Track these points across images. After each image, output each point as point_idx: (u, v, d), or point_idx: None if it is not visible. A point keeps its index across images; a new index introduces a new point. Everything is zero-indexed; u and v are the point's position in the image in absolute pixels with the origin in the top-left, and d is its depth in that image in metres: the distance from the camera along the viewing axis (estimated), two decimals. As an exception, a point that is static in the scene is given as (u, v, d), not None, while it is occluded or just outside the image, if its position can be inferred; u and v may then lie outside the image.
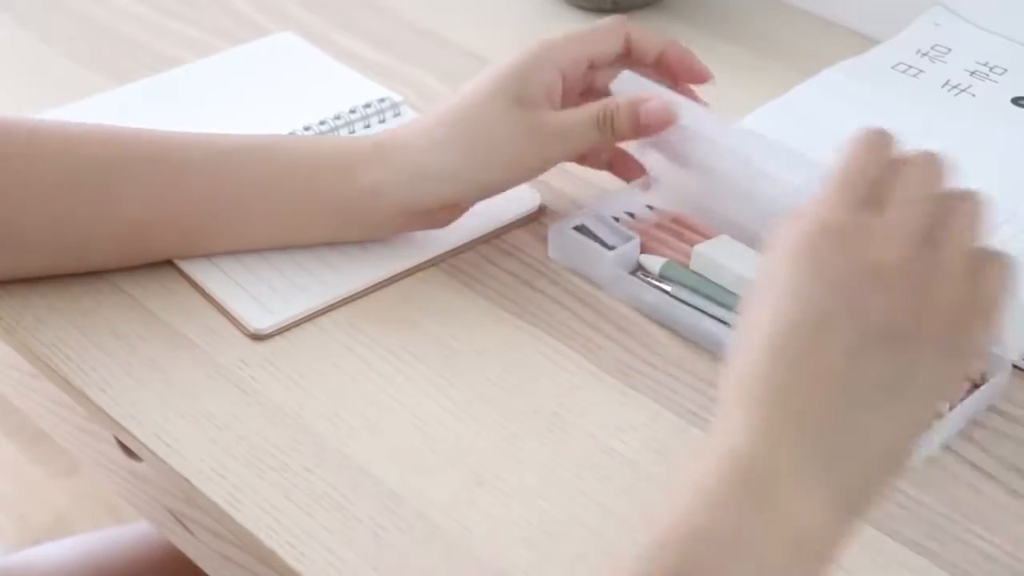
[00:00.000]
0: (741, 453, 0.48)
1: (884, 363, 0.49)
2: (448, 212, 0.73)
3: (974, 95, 0.83)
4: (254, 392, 0.67)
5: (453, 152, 0.70)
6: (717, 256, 0.69)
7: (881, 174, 0.52)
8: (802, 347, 0.49)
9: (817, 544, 0.48)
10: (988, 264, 0.51)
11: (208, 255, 0.73)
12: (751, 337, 0.50)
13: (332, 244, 0.74)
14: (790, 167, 0.66)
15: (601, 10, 0.98)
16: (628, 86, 0.72)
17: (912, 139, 0.78)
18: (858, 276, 0.49)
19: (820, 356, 0.49)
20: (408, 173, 0.70)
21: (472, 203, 0.73)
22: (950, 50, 0.87)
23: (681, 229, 0.75)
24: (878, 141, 0.54)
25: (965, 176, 0.68)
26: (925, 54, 0.87)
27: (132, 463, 0.74)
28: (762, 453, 0.48)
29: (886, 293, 0.49)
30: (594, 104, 0.71)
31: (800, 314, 0.49)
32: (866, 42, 0.91)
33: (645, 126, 0.70)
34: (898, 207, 0.51)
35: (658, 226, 0.75)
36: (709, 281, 0.70)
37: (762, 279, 0.52)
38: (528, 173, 0.72)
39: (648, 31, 0.73)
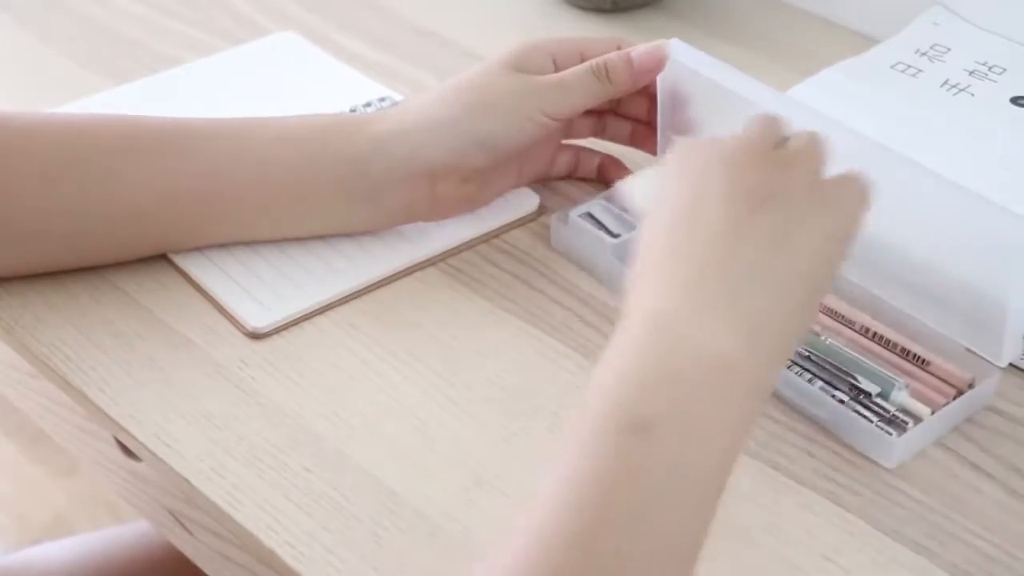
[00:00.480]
0: (652, 308, 0.53)
1: (763, 216, 0.55)
2: (449, 184, 0.73)
3: (973, 95, 0.83)
4: (253, 392, 0.67)
5: (454, 106, 0.72)
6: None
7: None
8: (691, 217, 0.56)
9: (737, 371, 0.52)
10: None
11: (211, 243, 0.73)
12: (650, 225, 0.57)
13: (331, 234, 0.74)
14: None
15: (601, 10, 0.98)
16: (678, 51, 0.73)
17: (911, 138, 0.78)
18: (733, 156, 0.57)
19: (707, 220, 0.55)
20: (412, 125, 0.72)
21: (475, 172, 0.73)
22: (949, 50, 0.87)
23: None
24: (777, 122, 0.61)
25: (965, 175, 0.68)
26: (924, 54, 0.87)
27: (131, 463, 0.74)
28: (671, 303, 0.53)
29: (758, 168, 0.57)
30: (589, 60, 0.74)
31: (686, 190, 0.57)
32: (865, 42, 0.91)
33: (639, 69, 0.73)
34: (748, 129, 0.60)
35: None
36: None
37: (661, 182, 0.59)
38: (526, 124, 0.72)
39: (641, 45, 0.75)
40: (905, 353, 0.67)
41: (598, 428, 0.50)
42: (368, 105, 0.84)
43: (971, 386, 0.65)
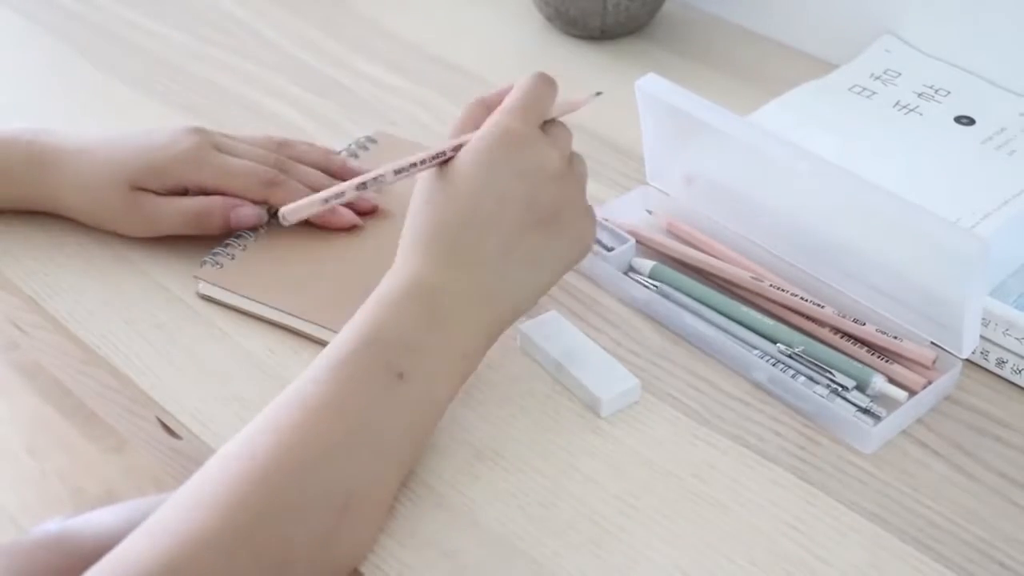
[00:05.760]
0: (430, 282, 0.58)
1: (542, 239, 0.60)
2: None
3: (921, 114, 0.83)
4: (280, 377, 0.66)
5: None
6: (536, 336, 0.67)
7: (547, 109, 0.63)
8: (486, 219, 0.59)
9: (471, 360, 0.60)
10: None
11: None
12: (441, 204, 0.60)
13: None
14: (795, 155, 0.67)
15: (591, 37, 0.97)
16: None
17: (867, 153, 0.78)
18: (534, 169, 0.60)
19: (500, 229, 0.59)
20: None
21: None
22: (900, 74, 0.87)
23: (673, 234, 0.74)
24: (551, 84, 0.64)
25: (915, 186, 0.68)
26: (878, 77, 0.87)
27: (173, 441, 0.74)
28: (439, 282, 0.58)
29: (553, 184, 0.61)
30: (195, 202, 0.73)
31: (488, 190, 0.59)
32: (826, 67, 0.91)
33: (236, 225, 0.73)
34: (553, 136, 0.63)
35: (654, 229, 0.75)
36: (692, 281, 0.70)
37: (458, 165, 0.60)
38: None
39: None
40: (873, 347, 0.66)
41: (359, 370, 0.56)
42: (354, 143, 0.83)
43: (935, 363, 0.65)
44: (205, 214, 0.72)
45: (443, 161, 0.61)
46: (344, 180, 0.72)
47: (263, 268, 0.71)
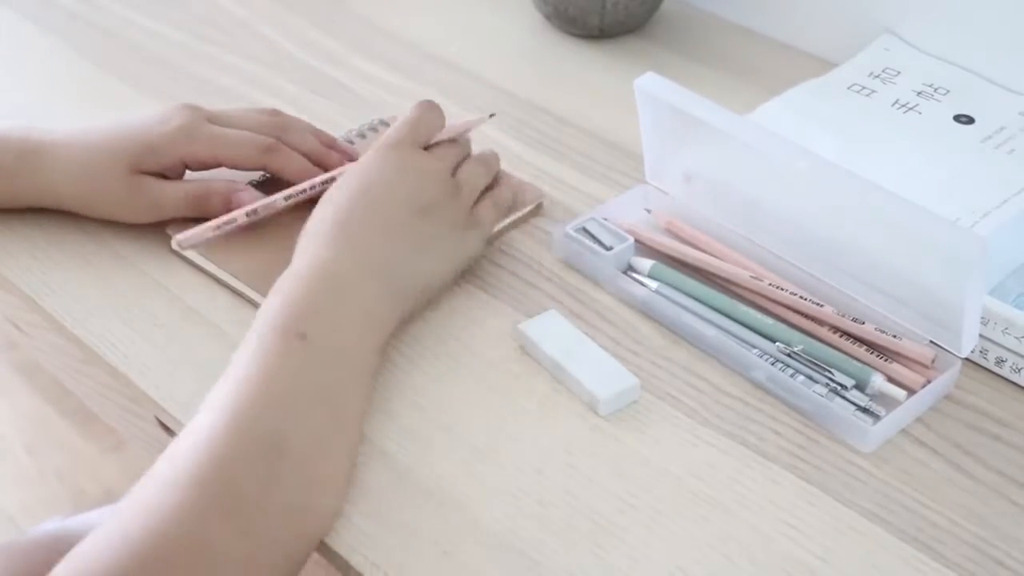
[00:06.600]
0: (324, 259, 0.64)
1: (424, 225, 0.68)
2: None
3: (920, 113, 0.83)
4: (280, 377, 0.66)
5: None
6: (535, 335, 0.67)
7: (430, 129, 0.73)
8: (370, 207, 0.67)
9: (376, 320, 0.64)
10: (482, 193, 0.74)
11: None
12: (335, 200, 0.67)
13: None
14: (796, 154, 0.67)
15: (590, 36, 0.97)
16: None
17: (867, 152, 0.78)
18: (414, 171, 0.69)
19: (384, 214, 0.67)
20: None
21: None
22: (899, 73, 0.87)
23: (672, 233, 0.74)
24: (434, 108, 0.73)
25: (914, 185, 0.67)
26: (877, 76, 0.87)
27: (171, 439, 0.74)
28: (339, 260, 0.64)
29: (432, 183, 0.69)
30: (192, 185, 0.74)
31: (373, 186, 0.68)
32: (825, 65, 0.91)
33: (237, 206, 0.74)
34: (437, 151, 0.72)
35: (653, 228, 0.75)
36: (691, 280, 0.70)
37: (350, 170, 0.69)
38: None
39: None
40: (872, 346, 0.66)
41: (267, 337, 0.60)
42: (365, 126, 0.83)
43: (934, 362, 0.65)
44: (206, 196, 0.73)
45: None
46: (334, 150, 0.78)
47: (243, 244, 0.72)
